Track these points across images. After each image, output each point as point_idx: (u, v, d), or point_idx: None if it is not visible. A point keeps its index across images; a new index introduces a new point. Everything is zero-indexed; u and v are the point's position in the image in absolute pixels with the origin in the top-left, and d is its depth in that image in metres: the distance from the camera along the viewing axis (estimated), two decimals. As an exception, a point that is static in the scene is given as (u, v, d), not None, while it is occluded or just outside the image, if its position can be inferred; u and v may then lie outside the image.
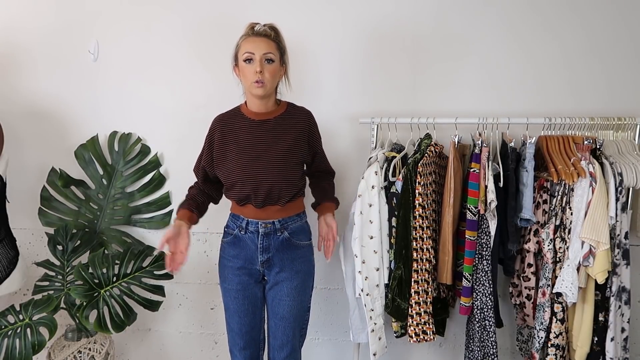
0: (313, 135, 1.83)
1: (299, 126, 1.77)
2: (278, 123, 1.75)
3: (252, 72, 1.66)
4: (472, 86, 2.19)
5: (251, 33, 1.70)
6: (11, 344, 1.93)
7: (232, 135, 1.76)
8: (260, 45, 1.67)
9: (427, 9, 2.17)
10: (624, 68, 2.11)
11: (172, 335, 2.51)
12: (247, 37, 1.70)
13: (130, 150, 2.34)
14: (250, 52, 1.66)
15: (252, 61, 1.67)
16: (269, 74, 1.67)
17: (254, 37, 1.68)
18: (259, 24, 1.71)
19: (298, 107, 1.83)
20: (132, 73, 2.33)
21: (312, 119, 1.84)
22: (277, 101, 1.81)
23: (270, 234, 1.76)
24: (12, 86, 2.37)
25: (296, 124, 1.77)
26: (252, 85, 1.67)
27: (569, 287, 1.77)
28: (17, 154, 2.36)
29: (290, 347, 1.83)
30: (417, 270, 1.90)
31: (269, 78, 1.68)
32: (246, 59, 1.67)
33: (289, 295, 1.79)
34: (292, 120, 1.77)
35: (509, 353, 2.30)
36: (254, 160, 1.72)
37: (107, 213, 2.35)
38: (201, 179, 1.88)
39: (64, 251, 2.23)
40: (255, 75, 1.65)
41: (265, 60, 1.67)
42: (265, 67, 1.67)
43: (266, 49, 1.67)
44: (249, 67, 1.67)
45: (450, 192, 1.89)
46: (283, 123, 1.76)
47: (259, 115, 1.75)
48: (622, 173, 1.81)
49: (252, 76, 1.66)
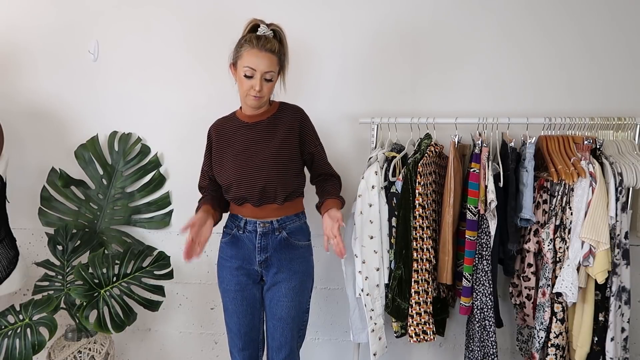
0: (304, 130, 1.79)
1: (289, 122, 1.77)
2: (270, 123, 1.75)
3: (249, 86, 1.66)
4: (472, 86, 2.19)
5: (255, 44, 1.63)
6: (11, 344, 1.93)
7: (226, 139, 1.78)
8: (263, 62, 1.63)
9: (427, 9, 2.17)
10: (624, 68, 2.11)
11: (172, 335, 2.51)
12: (250, 47, 1.64)
13: (130, 150, 2.34)
14: (252, 69, 1.63)
15: (252, 77, 1.65)
16: (266, 89, 1.67)
17: (257, 52, 1.63)
18: (264, 26, 1.67)
19: (289, 105, 1.82)
20: (132, 73, 2.33)
21: (302, 114, 1.81)
22: (270, 102, 1.80)
23: (269, 233, 1.76)
24: (12, 86, 2.37)
25: (286, 121, 1.77)
26: (249, 96, 1.68)
27: (569, 287, 1.77)
28: (17, 154, 2.36)
29: (288, 349, 1.82)
30: (417, 270, 1.90)
31: (266, 92, 1.68)
32: (246, 74, 1.65)
33: (286, 296, 1.78)
34: (283, 118, 1.77)
35: (509, 353, 2.30)
36: (248, 161, 1.72)
37: (107, 213, 2.35)
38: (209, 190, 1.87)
39: (64, 251, 2.23)
40: (253, 90, 1.65)
41: (264, 80, 1.65)
42: (264, 84, 1.66)
43: (268, 67, 1.64)
44: (248, 82, 1.66)
45: (450, 192, 1.89)
46: (275, 122, 1.76)
47: (252, 118, 1.76)
48: (622, 173, 1.81)
49: (249, 90, 1.66)
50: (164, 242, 2.40)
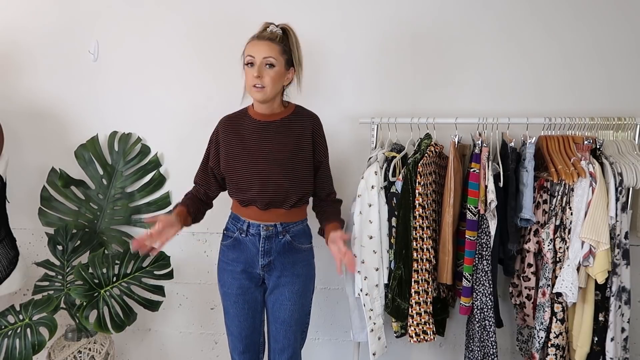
0: (317, 139, 1.77)
1: (304, 129, 1.74)
2: (283, 124, 1.73)
3: (251, 76, 1.65)
4: (472, 86, 2.19)
5: (256, 35, 1.67)
6: (11, 344, 1.93)
7: (238, 136, 1.74)
8: (261, 49, 1.63)
9: (427, 9, 2.17)
10: (624, 68, 2.11)
11: (172, 335, 2.51)
12: (252, 40, 1.67)
13: (130, 150, 2.34)
14: (251, 56, 1.64)
15: (252, 65, 1.64)
16: (269, 78, 1.64)
17: (256, 41, 1.65)
18: (272, 25, 1.68)
19: (305, 111, 1.80)
20: (133, 73, 2.33)
21: (318, 123, 1.79)
22: (285, 103, 1.78)
23: (272, 237, 1.74)
24: (12, 86, 2.37)
25: (301, 127, 1.74)
26: (252, 89, 1.66)
27: (569, 287, 1.77)
28: (17, 154, 2.36)
29: (291, 351, 1.82)
30: (417, 270, 1.90)
31: (268, 82, 1.64)
32: (247, 62, 1.65)
33: (290, 300, 1.77)
34: (297, 122, 1.75)
35: (509, 353, 2.30)
36: (259, 161, 1.70)
37: (107, 213, 2.35)
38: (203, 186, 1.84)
39: (64, 251, 2.23)
40: (254, 79, 1.63)
41: (265, 65, 1.63)
42: (265, 71, 1.63)
43: (267, 53, 1.63)
44: (249, 71, 1.65)
45: (450, 192, 1.89)
46: (288, 125, 1.74)
47: (265, 117, 1.74)
48: (622, 173, 1.81)
49: (251, 80, 1.65)
50: (164, 242, 2.40)
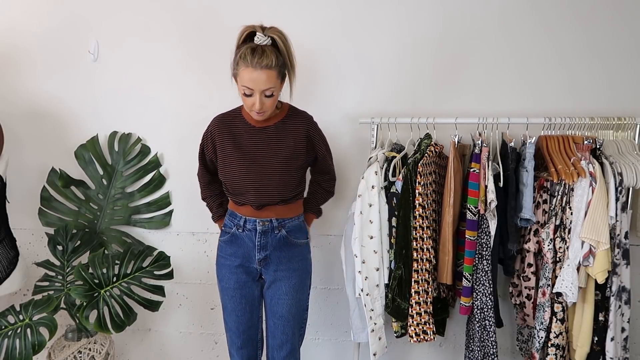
0: (314, 140, 1.79)
1: (299, 132, 1.75)
2: (278, 128, 1.74)
3: (250, 104, 1.63)
4: (472, 86, 2.19)
5: (250, 61, 1.55)
6: (11, 344, 1.93)
7: (232, 138, 1.76)
8: (259, 80, 1.57)
9: (427, 8, 2.17)
10: (624, 68, 2.11)
11: (172, 335, 2.51)
12: (245, 66, 1.56)
13: (130, 150, 2.34)
14: (249, 88, 1.59)
15: (251, 96, 1.62)
16: (269, 104, 1.65)
17: (252, 70, 1.56)
18: (260, 34, 1.57)
19: (299, 112, 1.80)
20: (132, 73, 2.33)
21: (312, 124, 1.81)
22: (278, 104, 1.77)
23: (268, 232, 1.77)
24: (12, 87, 2.37)
25: (295, 130, 1.75)
26: (252, 111, 1.66)
27: (569, 287, 1.77)
28: (17, 154, 2.36)
29: (289, 346, 1.83)
30: (417, 270, 1.90)
31: (269, 107, 1.66)
32: (245, 92, 1.62)
33: (287, 294, 1.79)
34: (292, 125, 1.75)
35: (509, 353, 2.30)
36: (254, 165, 1.72)
37: (107, 213, 2.35)
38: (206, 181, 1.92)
39: (64, 251, 2.23)
40: (255, 106, 1.63)
41: (264, 96, 1.61)
42: (264, 100, 1.62)
43: (265, 85, 1.58)
44: (248, 99, 1.63)
45: (450, 192, 1.89)
46: (283, 129, 1.74)
47: (259, 122, 1.74)
48: (622, 173, 1.81)
49: (251, 106, 1.64)
50: (164, 242, 2.40)
